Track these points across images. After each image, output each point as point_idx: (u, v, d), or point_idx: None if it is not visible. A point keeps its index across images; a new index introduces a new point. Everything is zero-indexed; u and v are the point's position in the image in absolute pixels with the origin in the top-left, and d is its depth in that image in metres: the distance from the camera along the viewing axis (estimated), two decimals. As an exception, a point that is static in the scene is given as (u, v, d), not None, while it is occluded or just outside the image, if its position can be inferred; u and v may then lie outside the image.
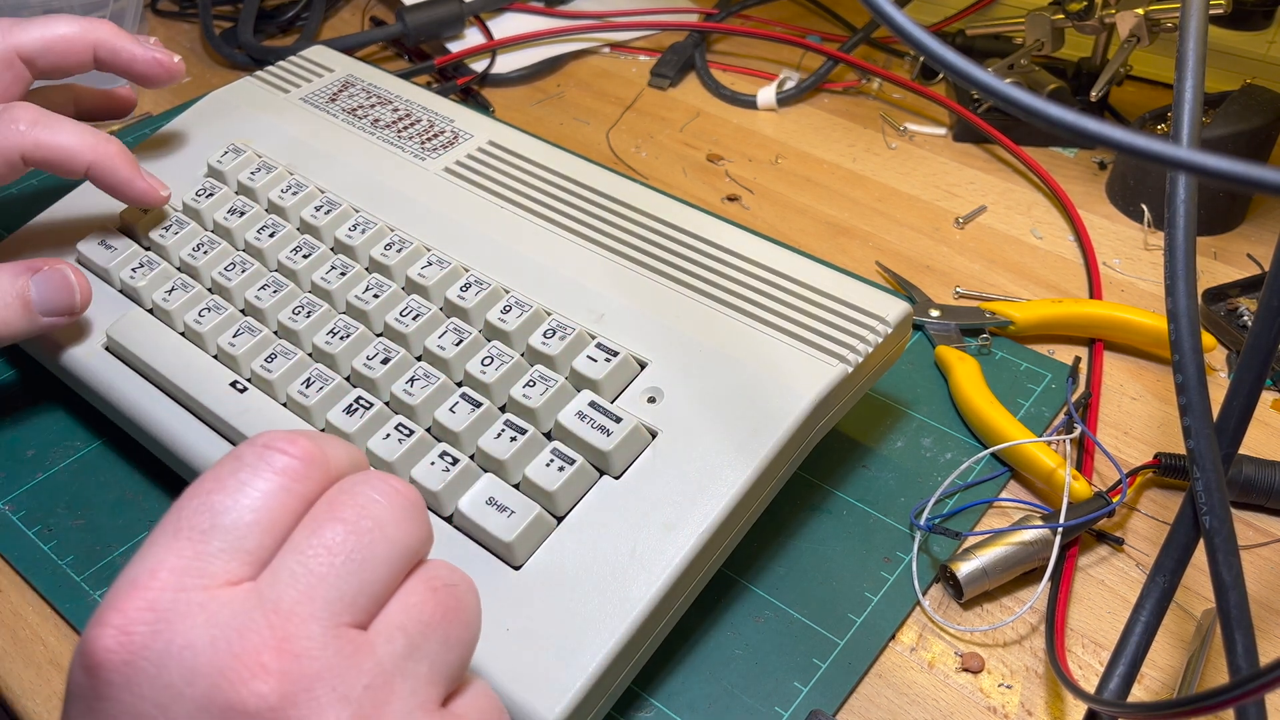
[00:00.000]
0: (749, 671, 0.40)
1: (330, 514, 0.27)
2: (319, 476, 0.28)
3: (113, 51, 0.50)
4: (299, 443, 0.28)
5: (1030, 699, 0.39)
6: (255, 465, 0.27)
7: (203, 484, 0.27)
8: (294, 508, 0.27)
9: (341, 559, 0.26)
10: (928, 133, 0.70)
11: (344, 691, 0.25)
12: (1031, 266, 0.59)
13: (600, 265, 0.46)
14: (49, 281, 0.44)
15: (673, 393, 0.41)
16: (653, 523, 0.37)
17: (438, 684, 0.27)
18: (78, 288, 0.45)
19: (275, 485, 0.27)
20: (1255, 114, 0.57)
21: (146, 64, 0.51)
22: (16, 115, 0.45)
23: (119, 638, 0.24)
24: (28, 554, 0.44)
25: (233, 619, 0.25)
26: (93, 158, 0.46)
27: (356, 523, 0.27)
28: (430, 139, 0.55)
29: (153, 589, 0.25)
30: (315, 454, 0.28)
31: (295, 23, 0.83)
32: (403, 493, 0.29)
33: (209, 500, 0.27)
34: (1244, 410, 0.36)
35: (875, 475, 0.47)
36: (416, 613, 0.27)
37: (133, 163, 0.48)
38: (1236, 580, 0.33)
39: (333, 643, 0.25)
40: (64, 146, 0.46)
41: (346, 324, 0.45)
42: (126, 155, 0.48)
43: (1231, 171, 0.19)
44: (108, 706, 0.24)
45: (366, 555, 0.27)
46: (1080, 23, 0.64)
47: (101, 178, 0.47)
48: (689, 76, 0.77)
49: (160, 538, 0.26)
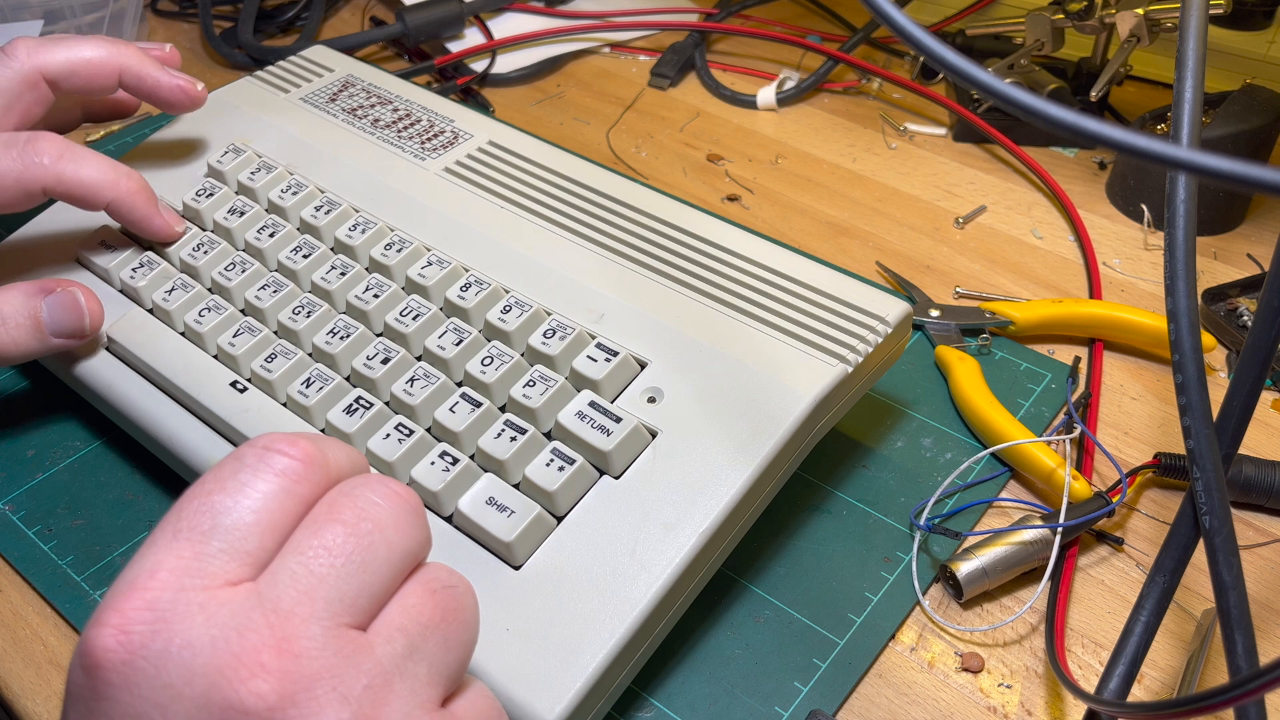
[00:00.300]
0: (749, 671, 0.40)
1: (331, 516, 0.27)
2: (319, 478, 0.28)
3: (138, 77, 0.50)
4: (299, 444, 0.28)
5: (1030, 699, 0.39)
6: (256, 466, 0.27)
7: (203, 485, 0.27)
8: (294, 509, 0.27)
9: (342, 560, 0.26)
10: (928, 133, 0.70)
11: (344, 691, 0.25)
12: (1031, 266, 0.59)
13: (600, 265, 0.46)
14: (61, 304, 0.44)
15: (673, 393, 0.41)
16: (653, 523, 0.37)
17: (437, 685, 0.27)
18: (88, 311, 0.45)
19: (276, 487, 0.27)
20: (1255, 114, 0.57)
21: (170, 91, 0.51)
22: (41, 148, 0.45)
23: (118, 637, 0.24)
24: (28, 554, 0.44)
25: (232, 619, 0.25)
26: (113, 195, 0.47)
27: (357, 525, 0.27)
28: (430, 139, 0.55)
29: (152, 589, 0.25)
30: (316, 456, 0.28)
31: (295, 23, 0.83)
32: (403, 496, 0.29)
33: (209, 501, 0.27)
34: (1244, 410, 0.36)
35: (875, 475, 0.47)
36: (416, 614, 0.27)
37: (151, 199, 0.49)
38: (1236, 580, 0.33)
39: (332, 643, 0.25)
40: (86, 183, 0.46)
41: (346, 324, 0.45)
42: (146, 191, 0.48)
43: (1231, 171, 0.19)
44: (107, 706, 0.24)
45: (367, 557, 0.27)
46: (1080, 23, 0.64)
47: (120, 214, 0.48)
48: (689, 76, 0.77)
49: (160, 538, 0.26)
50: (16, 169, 0.45)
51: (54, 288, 0.45)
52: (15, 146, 0.45)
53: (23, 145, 0.45)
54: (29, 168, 0.45)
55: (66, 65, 0.48)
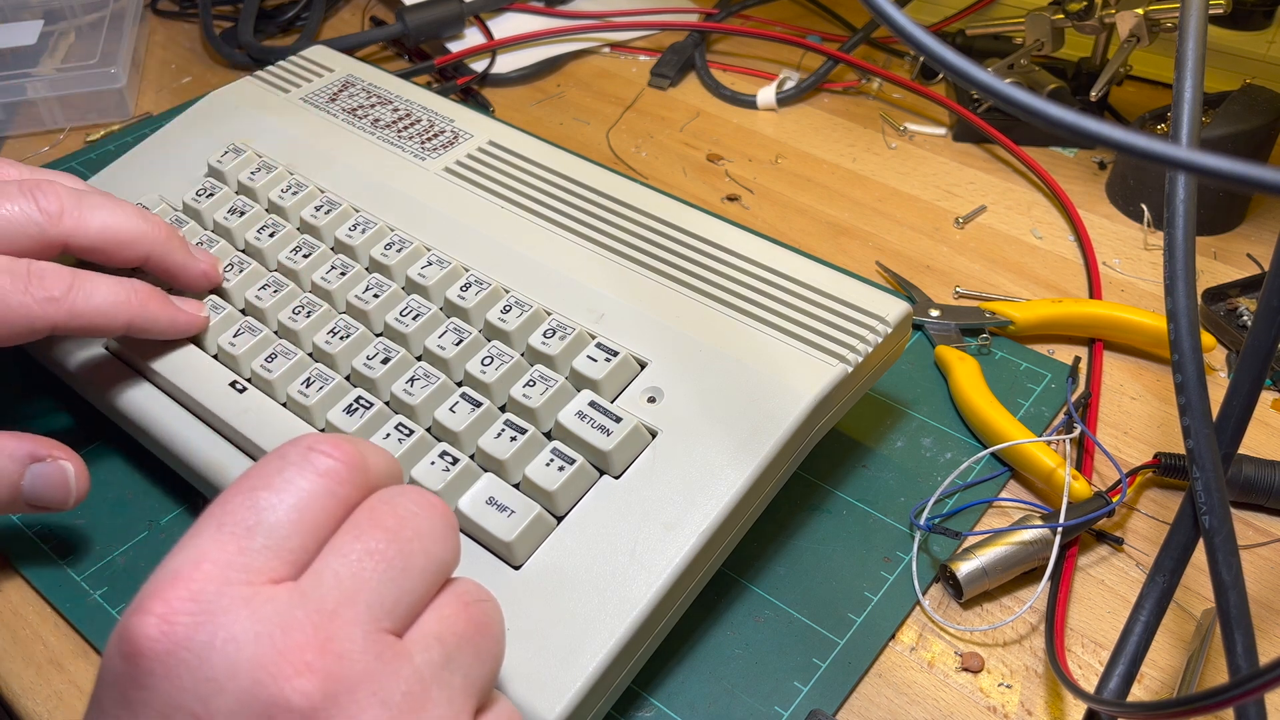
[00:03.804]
0: (749, 671, 0.40)
1: (373, 521, 0.28)
2: (360, 482, 0.29)
3: (162, 262, 0.45)
4: (343, 447, 0.28)
5: (1030, 699, 0.39)
6: (300, 465, 0.28)
7: (248, 479, 0.27)
8: (336, 511, 0.28)
9: (384, 565, 0.27)
10: (928, 133, 0.70)
11: (384, 696, 0.25)
12: (1031, 266, 0.59)
13: (600, 265, 0.46)
14: (46, 477, 0.40)
15: (673, 392, 0.41)
16: (653, 523, 0.37)
17: (471, 696, 0.28)
18: (74, 489, 0.41)
19: (319, 487, 0.27)
20: (1255, 114, 0.57)
21: (191, 278, 0.46)
22: (49, 284, 0.40)
23: (161, 627, 0.24)
24: (28, 554, 0.44)
25: (276, 616, 0.25)
26: (128, 317, 0.42)
27: (398, 532, 0.28)
28: (430, 139, 0.55)
29: (197, 580, 0.25)
30: (357, 459, 0.29)
31: (295, 23, 0.83)
32: (439, 508, 0.29)
33: (255, 497, 0.27)
34: (1243, 410, 0.36)
35: (875, 475, 0.47)
36: (451, 625, 0.28)
37: (166, 301, 0.44)
38: (1236, 580, 0.33)
39: (373, 647, 0.26)
40: (100, 310, 0.41)
41: (346, 324, 0.45)
42: (161, 298, 0.44)
43: (1231, 171, 0.19)
44: (146, 696, 0.24)
45: (407, 564, 0.27)
46: (1080, 23, 0.64)
47: (140, 332, 0.44)
48: (689, 76, 0.77)
49: (205, 529, 0.26)
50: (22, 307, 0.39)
51: (45, 454, 0.40)
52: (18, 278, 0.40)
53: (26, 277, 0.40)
54: (39, 305, 0.40)
55: (94, 242, 0.43)
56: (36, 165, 0.55)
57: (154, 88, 0.77)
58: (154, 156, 0.56)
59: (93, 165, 0.66)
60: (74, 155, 0.68)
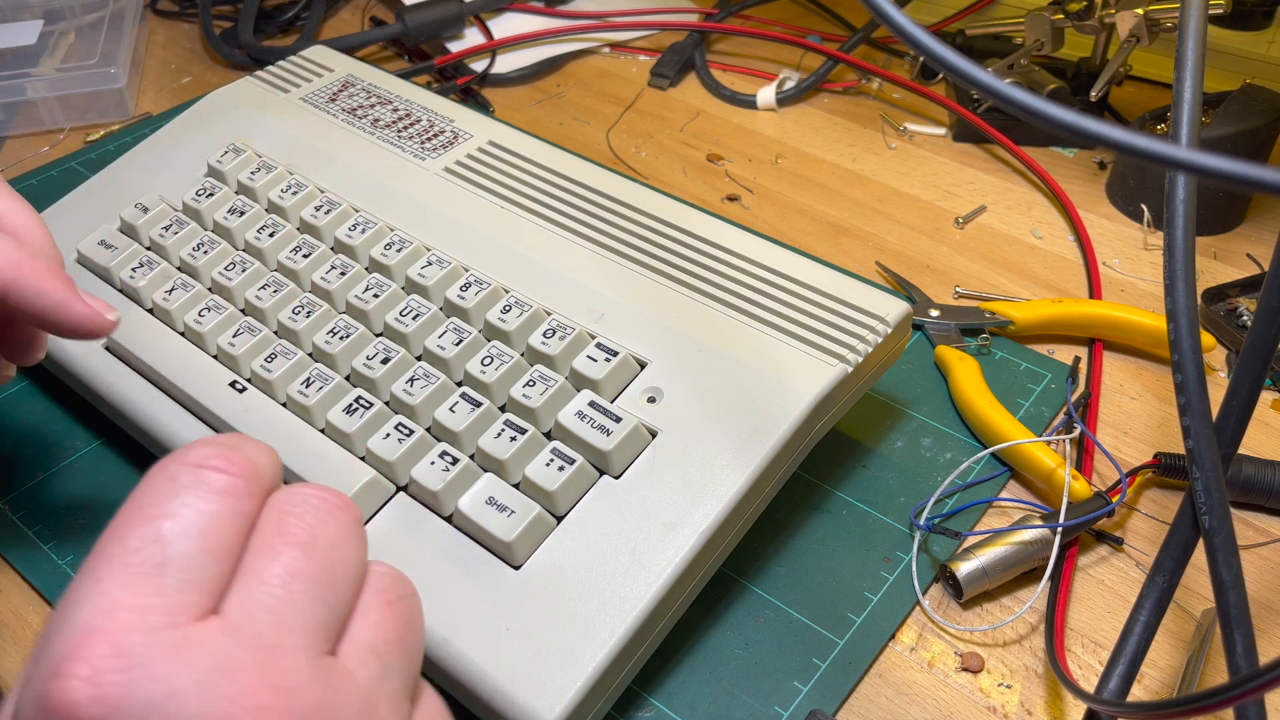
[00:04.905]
0: (749, 671, 0.40)
1: (284, 537, 0.26)
2: (257, 491, 0.27)
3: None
4: (233, 458, 0.27)
5: (1030, 699, 0.39)
6: (195, 486, 0.26)
7: (140, 509, 0.25)
8: (242, 528, 0.26)
9: (309, 585, 0.25)
10: (928, 133, 0.70)
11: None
12: (1031, 266, 0.59)
13: (600, 265, 0.46)
14: None
15: (673, 392, 0.41)
16: (653, 523, 0.37)
17: (407, 695, 0.27)
18: None
19: (222, 506, 0.26)
20: (1255, 114, 0.57)
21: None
22: None
23: (89, 690, 0.22)
24: (28, 554, 0.44)
25: (215, 660, 0.23)
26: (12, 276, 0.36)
27: (312, 545, 0.26)
28: (430, 139, 0.55)
29: (115, 631, 0.23)
30: (250, 468, 0.27)
31: (295, 23, 0.83)
32: (343, 507, 0.28)
33: (156, 529, 0.24)
34: (1243, 410, 0.36)
35: (875, 475, 0.47)
36: (381, 632, 0.27)
37: (66, 280, 0.38)
38: (1236, 580, 0.33)
39: (320, 675, 0.25)
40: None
41: (346, 324, 0.45)
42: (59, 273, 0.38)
43: (1231, 171, 0.19)
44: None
45: (330, 578, 0.26)
46: (1080, 23, 0.64)
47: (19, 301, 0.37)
48: (689, 76, 0.77)
49: (107, 572, 0.24)
50: None
51: None
52: None
53: None
54: None
55: None
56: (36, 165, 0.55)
57: (154, 88, 0.77)
58: (154, 156, 0.56)
59: (93, 165, 0.66)
60: (74, 155, 0.68)
